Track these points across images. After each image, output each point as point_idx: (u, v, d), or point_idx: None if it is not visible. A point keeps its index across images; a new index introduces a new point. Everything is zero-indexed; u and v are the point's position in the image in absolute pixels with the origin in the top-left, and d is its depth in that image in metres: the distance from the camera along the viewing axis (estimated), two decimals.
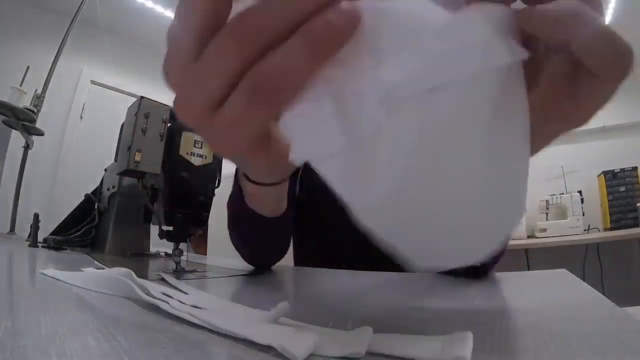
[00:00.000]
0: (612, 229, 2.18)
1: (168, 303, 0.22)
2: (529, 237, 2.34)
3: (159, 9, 2.13)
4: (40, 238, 0.79)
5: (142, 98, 0.58)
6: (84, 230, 0.80)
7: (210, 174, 0.56)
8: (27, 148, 1.30)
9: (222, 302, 0.25)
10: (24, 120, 1.21)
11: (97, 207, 0.83)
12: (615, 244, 2.10)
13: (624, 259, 2.21)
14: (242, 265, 0.52)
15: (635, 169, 2.23)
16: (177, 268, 0.46)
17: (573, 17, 0.12)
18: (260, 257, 0.50)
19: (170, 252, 0.52)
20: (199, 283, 0.37)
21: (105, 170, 0.86)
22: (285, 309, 0.19)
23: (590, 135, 2.40)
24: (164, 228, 0.52)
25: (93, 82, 2.25)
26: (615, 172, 2.27)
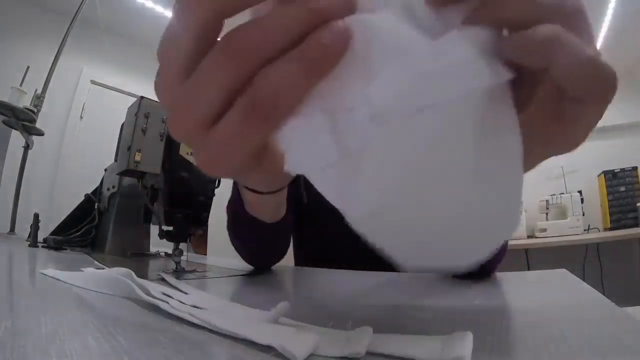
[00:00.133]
0: (612, 229, 2.18)
1: (168, 303, 0.22)
2: (529, 237, 2.34)
3: (159, 9, 2.13)
4: (40, 238, 0.79)
5: (142, 98, 0.58)
6: (84, 230, 0.80)
7: None
8: (27, 148, 1.30)
9: (222, 302, 0.25)
10: (24, 120, 1.21)
11: (97, 207, 0.83)
12: (615, 244, 2.10)
13: (624, 259, 2.21)
14: (242, 265, 0.52)
15: (635, 169, 2.23)
16: (177, 268, 0.46)
17: (552, 43, 0.12)
18: (260, 259, 0.51)
19: (170, 252, 0.52)
20: (199, 283, 0.37)
21: (105, 170, 0.86)
22: (285, 309, 0.19)
23: (590, 135, 2.40)
24: (164, 228, 0.52)
25: (93, 82, 2.24)
26: (615, 172, 2.27)
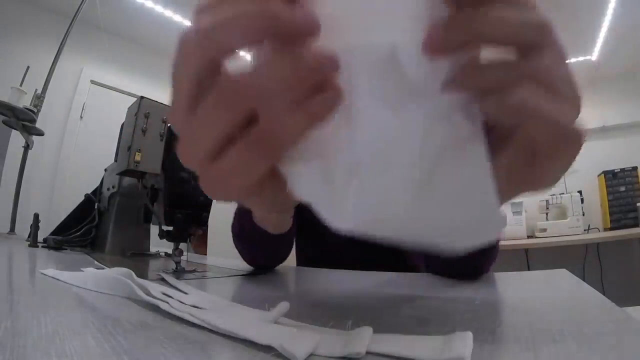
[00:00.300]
0: (612, 229, 2.18)
1: (168, 303, 0.22)
2: (529, 237, 2.34)
3: (159, 9, 2.13)
4: (40, 238, 0.79)
5: (142, 98, 0.58)
6: (84, 230, 0.80)
7: None
8: (27, 148, 1.30)
9: (222, 302, 0.25)
10: (24, 120, 1.21)
11: (97, 207, 0.83)
12: (615, 244, 2.10)
13: (624, 259, 2.21)
14: (242, 265, 0.52)
15: (635, 169, 2.23)
16: (177, 268, 0.46)
17: (522, 105, 0.12)
18: (261, 263, 0.51)
19: (170, 252, 0.52)
20: (199, 283, 0.37)
21: (105, 170, 0.86)
22: (285, 309, 0.19)
23: (590, 135, 2.40)
24: (164, 228, 0.52)
25: (93, 82, 2.24)
26: (615, 172, 2.27)
